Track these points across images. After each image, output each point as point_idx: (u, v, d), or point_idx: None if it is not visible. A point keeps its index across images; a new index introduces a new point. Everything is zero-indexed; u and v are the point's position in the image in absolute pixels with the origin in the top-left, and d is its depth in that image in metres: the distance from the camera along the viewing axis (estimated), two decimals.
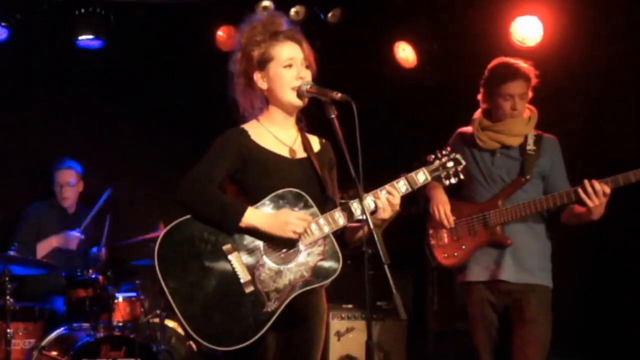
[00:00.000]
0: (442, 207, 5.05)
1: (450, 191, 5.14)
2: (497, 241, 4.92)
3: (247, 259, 3.61)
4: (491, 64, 5.07)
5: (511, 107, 4.92)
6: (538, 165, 4.93)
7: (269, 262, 3.62)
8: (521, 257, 4.89)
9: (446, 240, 5.10)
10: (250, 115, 3.88)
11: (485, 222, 4.94)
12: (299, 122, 3.90)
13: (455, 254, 5.06)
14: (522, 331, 4.85)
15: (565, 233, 5.04)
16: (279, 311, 3.58)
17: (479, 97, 5.12)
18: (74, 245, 6.81)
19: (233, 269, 3.58)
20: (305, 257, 3.65)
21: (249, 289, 3.57)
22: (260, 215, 3.61)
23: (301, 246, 3.65)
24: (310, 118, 3.92)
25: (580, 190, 4.63)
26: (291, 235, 3.60)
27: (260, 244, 3.64)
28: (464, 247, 5.03)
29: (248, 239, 3.63)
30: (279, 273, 3.61)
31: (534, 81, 4.95)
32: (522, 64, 4.95)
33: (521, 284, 4.87)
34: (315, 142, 3.94)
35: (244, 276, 3.58)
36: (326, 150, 3.94)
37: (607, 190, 4.59)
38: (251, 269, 3.60)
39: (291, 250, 3.65)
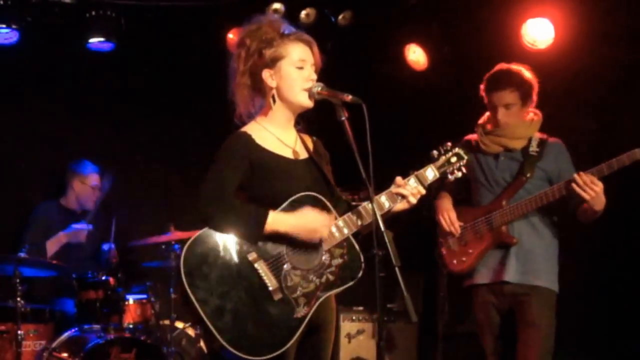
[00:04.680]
0: (447, 214, 5.07)
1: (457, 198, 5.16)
2: (502, 241, 4.91)
3: (272, 266, 3.60)
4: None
5: (497, 116, 4.98)
6: (540, 167, 4.91)
7: (294, 268, 3.62)
8: (525, 258, 4.87)
9: (454, 247, 5.11)
10: (247, 117, 3.86)
11: (490, 223, 4.94)
12: (296, 124, 3.90)
13: (464, 259, 5.06)
14: (523, 334, 4.83)
15: (570, 235, 5.04)
16: (308, 316, 3.59)
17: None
18: (83, 238, 6.79)
19: (260, 277, 3.56)
20: (328, 260, 3.66)
21: (278, 296, 3.56)
22: (283, 219, 3.60)
23: (323, 249, 3.66)
24: (308, 120, 3.92)
25: (573, 184, 4.63)
26: (316, 240, 3.61)
27: (283, 249, 3.62)
28: (471, 251, 5.03)
29: (271, 246, 3.62)
30: (305, 278, 3.61)
31: (532, 89, 4.93)
32: (512, 72, 4.95)
33: (524, 284, 4.85)
34: (308, 141, 3.94)
35: (271, 283, 3.56)
36: (320, 147, 3.97)
37: (594, 179, 4.60)
38: (277, 276, 3.59)
39: (314, 255, 3.65)
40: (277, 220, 3.59)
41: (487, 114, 5.14)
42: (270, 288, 3.56)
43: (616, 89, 6.06)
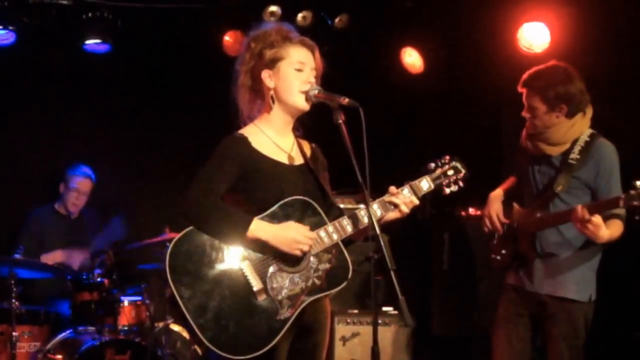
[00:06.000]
0: (491, 214, 5.01)
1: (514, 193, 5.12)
2: (524, 250, 4.82)
3: (258, 266, 3.61)
4: None
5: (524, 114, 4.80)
6: (578, 177, 4.68)
7: (280, 270, 3.62)
8: (551, 268, 4.74)
9: (495, 242, 5.06)
10: (248, 120, 3.87)
11: (521, 230, 4.86)
12: (295, 130, 3.90)
13: (498, 257, 5.02)
14: (549, 347, 4.76)
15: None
16: (292, 319, 3.60)
17: None
18: (77, 265, 6.82)
19: (245, 277, 3.57)
20: (316, 265, 3.67)
21: (262, 297, 3.57)
22: (266, 227, 3.61)
23: (311, 254, 3.66)
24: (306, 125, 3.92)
25: (572, 217, 4.46)
26: (297, 252, 3.60)
27: (271, 251, 3.63)
28: (504, 251, 4.98)
29: (259, 247, 3.63)
30: (290, 281, 3.62)
31: (562, 96, 4.65)
32: (541, 74, 4.72)
33: (549, 295, 4.73)
34: (307, 147, 3.95)
35: (256, 284, 3.58)
36: (318, 154, 3.98)
37: (585, 215, 4.38)
38: (263, 277, 3.60)
39: (301, 258, 3.66)
40: (260, 228, 3.60)
41: None
42: (255, 288, 3.58)
43: (612, 92, 6.07)
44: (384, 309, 6.52)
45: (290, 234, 3.60)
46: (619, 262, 5.63)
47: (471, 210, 6.66)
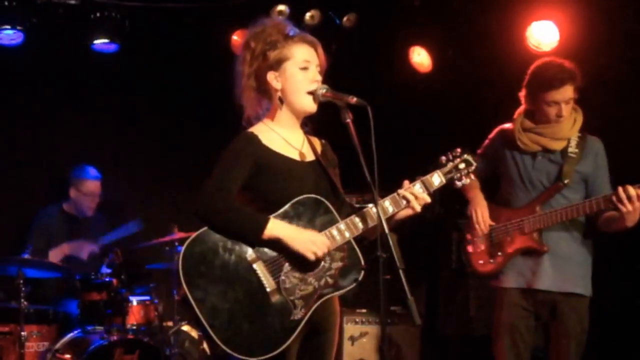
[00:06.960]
0: (480, 210, 4.96)
1: (489, 193, 5.07)
2: (533, 248, 4.77)
3: (271, 267, 3.59)
4: (535, 65, 4.83)
5: (557, 113, 4.71)
6: (579, 170, 4.74)
7: (292, 270, 3.60)
8: (560, 264, 4.73)
9: (483, 246, 4.99)
10: (255, 119, 3.85)
11: (521, 228, 4.80)
12: (303, 125, 3.89)
13: (491, 260, 4.94)
14: (557, 344, 4.75)
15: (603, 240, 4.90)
16: (305, 318, 3.58)
17: (521, 95, 4.90)
18: (85, 255, 6.82)
19: (258, 278, 3.56)
20: (328, 263, 3.65)
21: (275, 298, 3.56)
22: (283, 226, 3.59)
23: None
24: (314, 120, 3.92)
25: (614, 198, 4.44)
26: (310, 255, 3.57)
27: (283, 251, 3.61)
28: (500, 253, 4.91)
29: (272, 247, 3.61)
30: (303, 280, 3.60)
31: (580, 82, 4.71)
32: (567, 67, 4.71)
33: (558, 292, 4.72)
34: (317, 144, 3.93)
35: (269, 285, 3.56)
36: (328, 150, 3.96)
37: None
38: (276, 277, 3.58)
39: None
40: (277, 226, 3.57)
41: (522, 108, 4.91)
42: (268, 289, 3.56)
43: (621, 91, 6.05)
44: (393, 308, 6.52)
45: (308, 236, 3.58)
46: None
47: None
